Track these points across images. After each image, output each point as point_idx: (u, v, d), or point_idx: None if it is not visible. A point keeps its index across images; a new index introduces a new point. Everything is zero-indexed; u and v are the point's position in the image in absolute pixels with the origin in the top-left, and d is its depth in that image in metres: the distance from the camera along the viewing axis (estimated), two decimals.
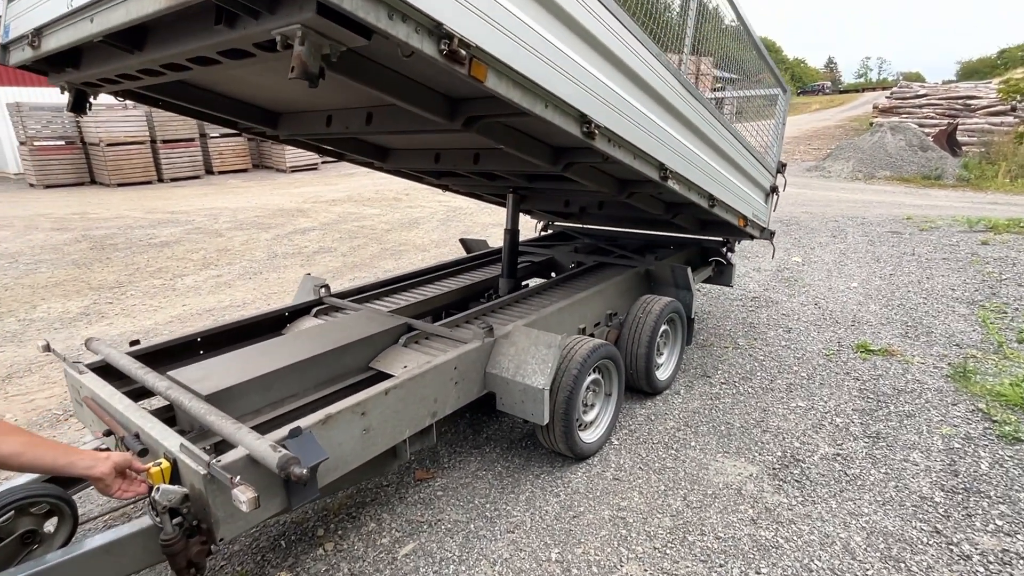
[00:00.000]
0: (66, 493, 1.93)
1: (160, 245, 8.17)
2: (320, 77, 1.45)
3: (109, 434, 2.19)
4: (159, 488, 1.67)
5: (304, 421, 1.99)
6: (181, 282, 6.42)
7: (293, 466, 1.70)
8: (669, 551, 2.36)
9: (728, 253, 4.70)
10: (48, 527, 1.93)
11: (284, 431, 1.90)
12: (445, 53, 1.62)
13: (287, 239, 8.57)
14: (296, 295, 3.65)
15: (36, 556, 1.78)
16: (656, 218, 4.28)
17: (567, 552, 2.36)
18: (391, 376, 2.69)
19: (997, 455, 2.95)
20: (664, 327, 3.66)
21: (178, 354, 2.86)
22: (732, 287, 5.22)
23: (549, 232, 5.48)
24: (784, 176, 4.38)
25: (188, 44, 1.72)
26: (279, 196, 12.88)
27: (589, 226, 5.21)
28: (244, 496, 1.53)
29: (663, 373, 3.69)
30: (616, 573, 2.25)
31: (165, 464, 1.79)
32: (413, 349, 2.83)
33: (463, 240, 5.11)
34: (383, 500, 2.72)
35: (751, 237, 4.41)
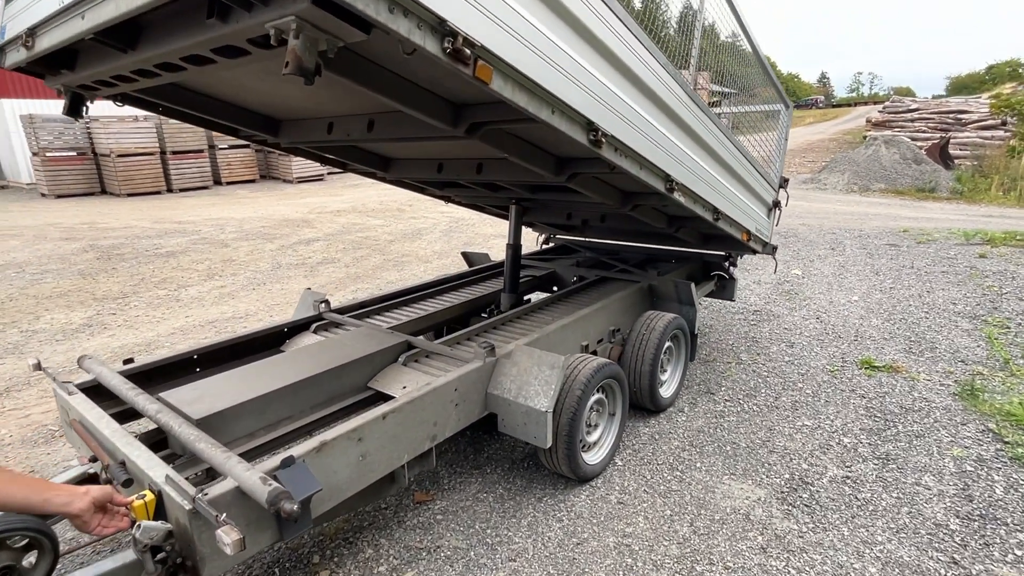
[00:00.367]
0: (45, 525, 1.78)
1: (166, 255, 8.06)
2: (316, 74, 1.33)
3: (96, 460, 2.05)
4: (140, 525, 1.53)
5: (297, 449, 1.86)
6: (185, 293, 6.30)
7: (283, 501, 1.56)
8: None
9: (730, 268, 4.57)
10: (28, 561, 1.79)
11: (276, 460, 1.76)
12: (449, 52, 1.50)
13: (292, 250, 8.45)
14: (296, 310, 3.52)
15: None
16: (658, 231, 4.16)
17: None
18: (390, 396, 2.56)
19: (1012, 479, 2.80)
20: (668, 343, 3.52)
21: (174, 372, 2.72)
22: (734, 301, 5.09)
23: (551, 245, 5.35)
24: (787, 191, 4.26)
25: (181, 41, 1.62)
26: (285, 206, 12.78)
27: (591, 239, 5.09)
28: (228, 538, 1.39)
29: (667, 390, 3.55)
30: None
31: (150, 496, 1.66)
32: (413, 368, 2.70)
33: (465, 253, 4.98)
34: (381, 524, 2.57)
35: (754, 252, 4.28)
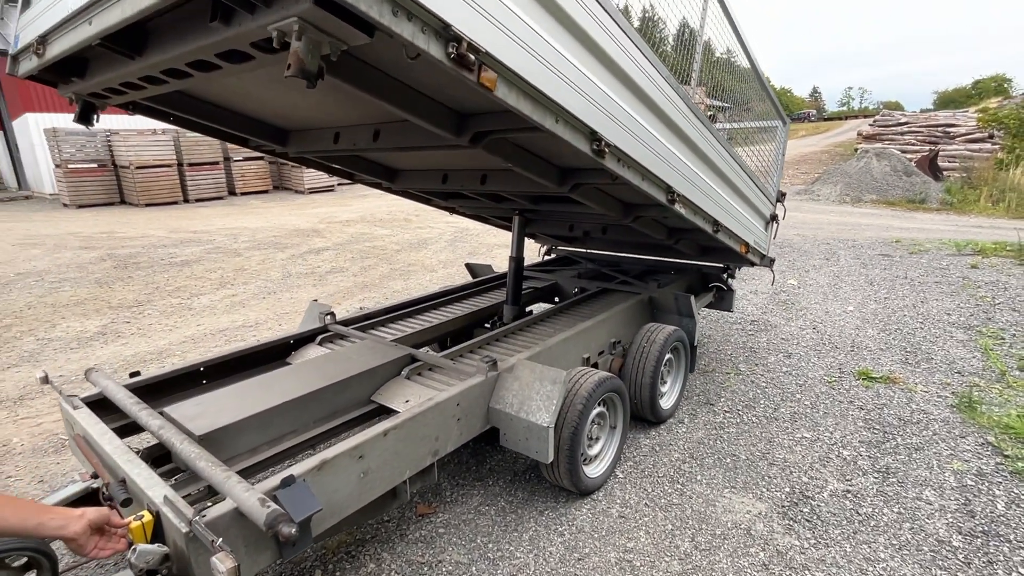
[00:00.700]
0: (44, 543, 1.71)
1: (180, 264, 8.02)
2: (319, 77, 1.28)
3: (97, 476, 1.98)
4: (135, 549, 1.45)
5: (298, 468, 1.78)
6: (197, 301, 6.24)
7: (282, 524, 1.49)
8: None
9: (728, 279, 4.49)
10: None
11: (276, 480, 1.69)
12: (453, 57, 1.43)
13: (301, 259, 8.40)
14: (302, 321, 3.45)
15: None
16: (658, 243, 4.08)
17: None
18: (393, 410, 2.49)
19: (1013, 494, 2.70)
20: (668, 355, 3.44)
21: (180, 384, 2.65)
22: (732, 312, 5.00)
23: (553, 257, 5.28)
24: (784, 205, 4.18)
25: (186, 46, 1.57)
26: (296, 217, 12.76)
27: (592, 251, 5.01)
28: (223, 566, 1.31)
29: (667, 402, 3.46)
30: None
31: (148, 517, 1.58)
32: (416, 382, 2.62)
33: (469, 265, 4.91)
34: (383, 537, 2.49)
35: (752, 264, 4.20)
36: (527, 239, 5.28)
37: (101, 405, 2.32)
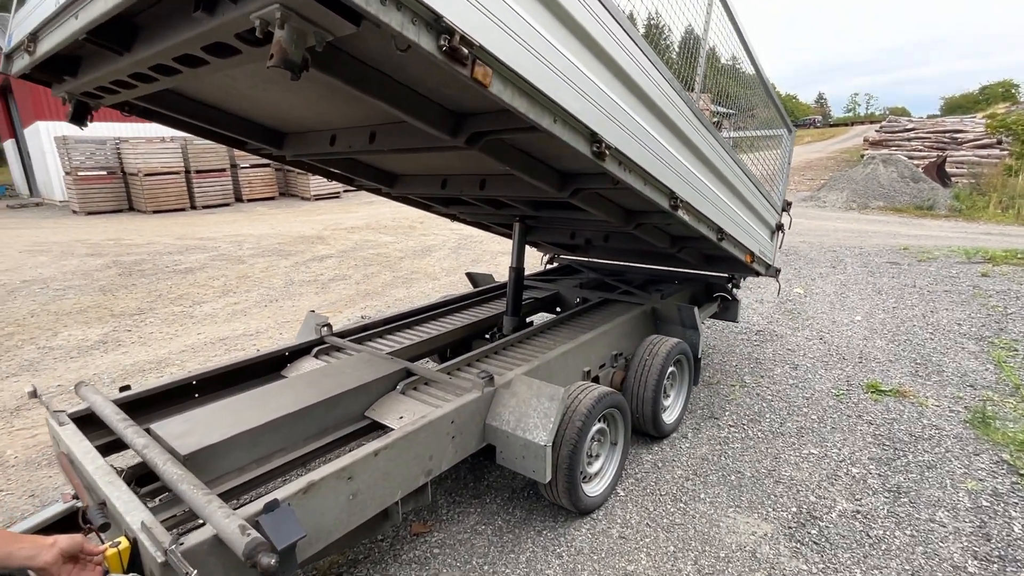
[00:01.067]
0: (16, 572, 1.65)
1: (184, 271, 8.00)
2: (304, 69, 1.22)
3: (78, 497, 1.91)
4: None
5: (283, 491, 1.71)
6: (200, 309, 6.21)
7: (261, 555, 1.41)
8: None
9: (733, 289, 4.39)
10: None
11: (259, 504, 1.62)
12: (445, 50, 1.36)
13: (305, 266, 8.37)
14: (299, 332, 3.39)
15: None
16: (662, 251, 4.00)
17: None
18: (386, 427, 2.41)
19: None
20: (671, 368, 3.34)
21: (172, 399, 2.59)
22: (738, 323, 4.90)
23: (555, 265, 5.20)
24: (790, 214, 4.09)
25: (171, 39, 1.53)
26: (301, 223, 12.76)
27: (594, 259, 4.93)
28: None
29: (670, 416, 3.37)
30: None
31: (124, 544, 1.51)
32: (411, 397, 2.54)
33: (470, 274, 4.84)
34: (376, 557, 2.41)
35: (757, 274, 4.10)
36: (530, 248, 5.22)
37: (89, 421, 2.26)
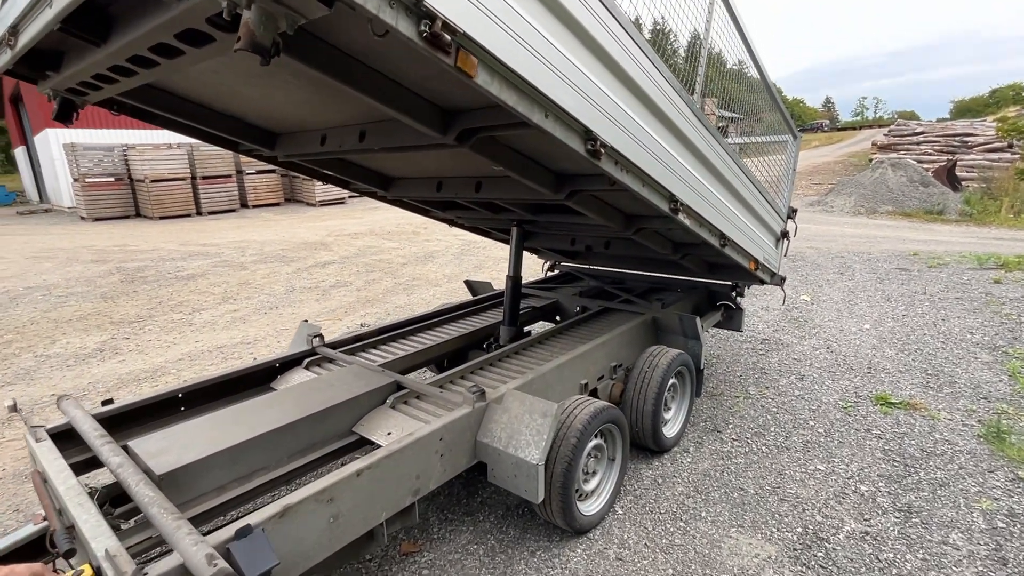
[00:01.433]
0: None
1: (186, 278, 7.98)
2: (274, 54, 1.16)
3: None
4: None
5: (257, 516, 1.62)
6: (199, 317, 6.17)
7: None
8: None
9: (737, 297, 4.28)
10: None
11: (231, 530, 1.54)
12: (426, 36, 1.29)
13: (307, 273, 8.33)
14: (292, 343, 3.32)
15: None
16: (664, 258, 3.90)
17: None
18: (373, 444, 2.33)
19: None
20: (672, 380, 3.24)
21: (157, 412, 2.52)
22: (742, 332, 4.78)
23: (555, 273, 5.11)
24: (795, 222, 3.98)
25: (144, 26, 1.47)
26: (305, 229, 12.76)
27: (595, 267, 4.84)
28: None
29: (671, 429, 3.26)
30: None
31: (88, 573, 1.43)
32: (400, 411, 2.46)
33: (468, 282, 4.76)
34: None
35: (761, 282, 3.99)
36: (531, 255, 5.13)
37: (69, 437, 2.20)
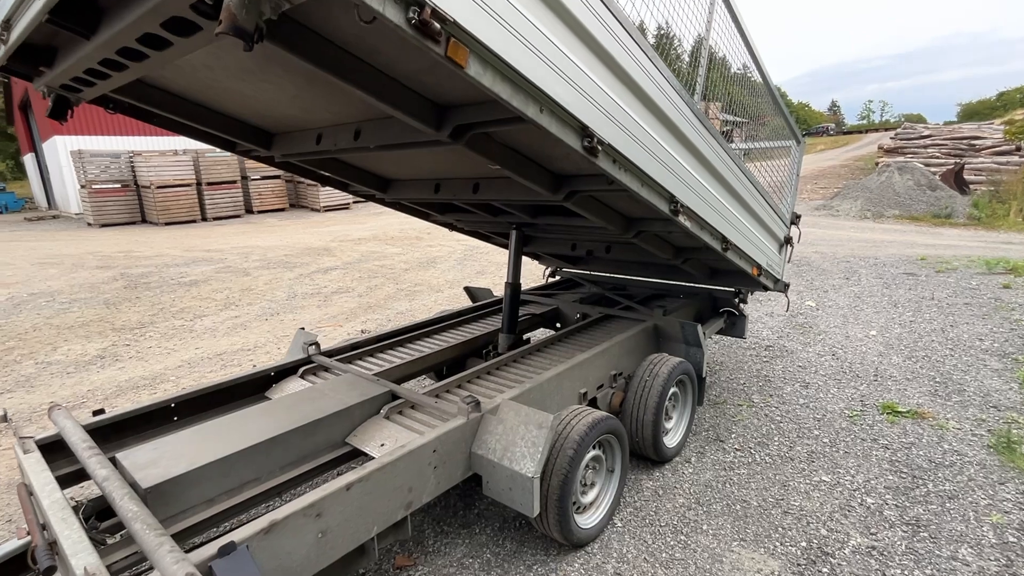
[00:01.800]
0: None
1: (189, 284, 7.99)
2: (257, 40, 1.13)
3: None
4: None
5: (242, 532, 1.58)
6: (200, 323, 6.16)
7: None
8: None
9: (740, 304, 4.22)
10: None
11: (214, 547, 1.50)
12: (415, 23, 1.25)
13: (309, 279, 8.32)
14: (289, 350, 3.29)
15: None
16: (665, 263, 3.85)
17: None
18: (366, 455, 2.29)
19: None
20: (673, 389, 3.18)
21: (149, 422, 2.49)
22: (745, 339, 4.72)
23: (556, 279, 5.06)
24: (799, 227, 3.92)
25: (130, 16, 1.45)
26: (309, 235, 12.78)
27: (596, 272, 4.79)
28: None
29: (672, 439, 3.20)
30: None
31: None
32: (395, 422, 2.42)
33: (468, 289, 4.72)
34: None
35: (765, 288, 3.93)
36: (533, 261, 5.09)
37: (59, 448, 2.17)
